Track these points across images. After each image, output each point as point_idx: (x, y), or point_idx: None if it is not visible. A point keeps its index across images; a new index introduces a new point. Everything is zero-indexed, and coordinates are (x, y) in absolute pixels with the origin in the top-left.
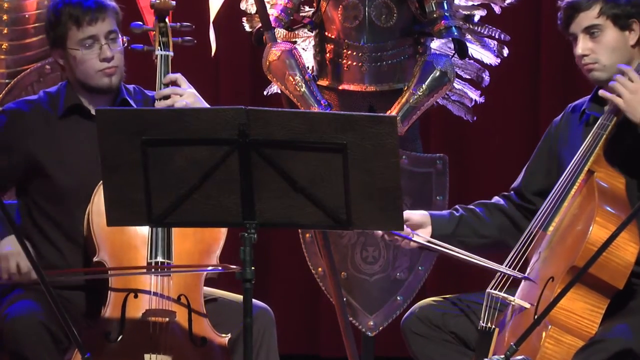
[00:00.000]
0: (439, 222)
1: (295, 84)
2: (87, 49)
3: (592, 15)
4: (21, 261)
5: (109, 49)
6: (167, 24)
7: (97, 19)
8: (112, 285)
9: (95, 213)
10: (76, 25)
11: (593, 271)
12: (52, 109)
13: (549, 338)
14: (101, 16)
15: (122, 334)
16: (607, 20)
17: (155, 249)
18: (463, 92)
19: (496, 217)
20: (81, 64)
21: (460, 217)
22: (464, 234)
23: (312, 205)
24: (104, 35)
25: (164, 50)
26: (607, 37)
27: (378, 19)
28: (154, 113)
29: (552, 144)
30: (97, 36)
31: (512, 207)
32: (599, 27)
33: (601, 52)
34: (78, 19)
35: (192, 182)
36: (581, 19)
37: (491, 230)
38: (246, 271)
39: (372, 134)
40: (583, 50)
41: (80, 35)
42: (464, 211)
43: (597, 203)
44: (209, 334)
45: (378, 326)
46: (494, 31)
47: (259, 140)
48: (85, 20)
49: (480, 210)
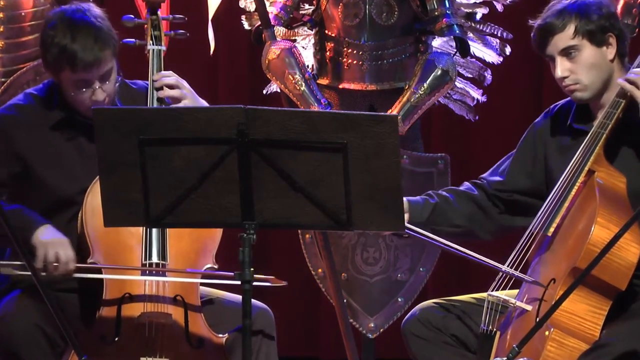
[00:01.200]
0: (415, 208)
1: (295, 82)
2: (79, 91)
3: (568, 36)
4: (61, 250)
5: (101, 93)
6: (159, 16)
7: (93, 65)
8: (107, 287)
9: (89, 214)
10: (70, 69)
11: (595, 272)
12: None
13: (552, 341)
14: (97, 61)
15: (118, 336)
16: (583, 39)
17: (150, 250)
18: (465, 91)
19: (467, 206)
20: (72, 98)
21: (435, 205)
22: (438, 221)
23: (312, 206)
24: (99, 78)
25: (156, 45)
26: (584, 55)
27: (379, 17)
28: (151, 112)
29: (538, 148)
30: (91, 81)
31: (484, 195)
32: (576, 48)
33: (581, 72)
34: (73, 61)
35: (191, 182)
36: (556, 41)
37: (462, 219)
38: (245, 272)
39: (372, 134)
40: (562, 72)
41: (74, 79)
42: (438, 198)
43: (598, 203)
44: (206, 334)
45: (379, 328)
46: (496, 29)
47: (258, 140)
48: (79, 66)
49: (452, 197)
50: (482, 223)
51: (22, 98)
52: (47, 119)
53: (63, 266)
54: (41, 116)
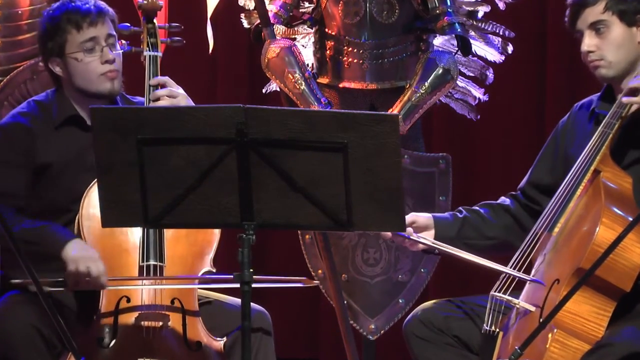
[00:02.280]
0: (442, 224)
1: (295, 81)
2: (88, 52)
3: (598, 11)
4: (92, 265)
5: (109, 52)
6: (155, 24)
7: (97, 22)
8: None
9: (85, 217)
10: (76, 29)
11: (599, 273)
12: (45, 120)
13: (555, 342)
14: (100, 19)
15: (115, 339)
16: (613, 15)
17: (147, 253)
18: (466, 90)
19: (501, 218)
20: (82, 67)
21: (464, 219)
22: (469, 235)
23: (312, 206)
24: (104, 37)
25: (152, 51)
26: (613, 33)
27: (379, 15)
28: (150, 111)
29: (559, 143)
30: (98, 38)
31: (518, 206)
32: (605, 23)
33: (607, 49)
34: (78, 22)
35: (189, 182)
36: (587, 14)
37: (496, 231)
38: (244, 274)
39: (373, 133)
40: (589, 47)
41: (81, 38)
42: (468, 213)
43: (603, 203)
44: (204, 338)
45: (379, 330)
46: (498, 28)
47: (257, 140)
48: (86, 22)
49: (484, 211)
50: (518, 233)
51: (24, 106)
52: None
53: (94, 280)
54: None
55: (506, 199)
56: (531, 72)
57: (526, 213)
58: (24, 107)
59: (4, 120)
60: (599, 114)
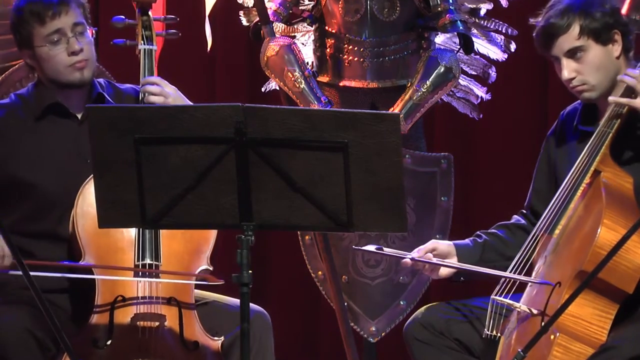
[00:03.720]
0: (464, 250)
1: (295, 80)
2: (53, 45)
3: (573, 37)
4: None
5: (76, 42)
6: (150, 17)
7: (60, 12)
8: (99, 289)
9: (80, 215)
10: (39, 22)
11: (601, 275)
12: (26, 112)
13: (558, 346)
14: (64, 9)
15: (111, 340)
16: (588, 40)
17: (143, 251)
18: (469, 88)
19: (518, 237)
20: (50, 60)
21: (484, 243)
22: (491, 258)
23: (312, 206)
24: (70, 28)
25: (147, 45)
26: (590, 56)
27: (380, 12)
28: (147, 110)
29: (550, 155)
30: (63, 30)
31: (530, 225)
32: (582, 48)
33: (588, 73)
34: (40, 14)
35: (187, 183)
36: (561, 42)
37: (515, 250)
38: (243, 275)
39: (374, 132)
40: (569, 74)
41: (45, 31)
42: (487, 236)
43: (604, 204)
44: (201, 337)
45: (380, 332)
46: (501, 25)
47: (256, 139)
48: (48, 15)
49: (501, 232)
50: None
51: (7, 99)
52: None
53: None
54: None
55: (519, 218)
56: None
57: None
58: (4, 100)
59: None
60: (582, 130)
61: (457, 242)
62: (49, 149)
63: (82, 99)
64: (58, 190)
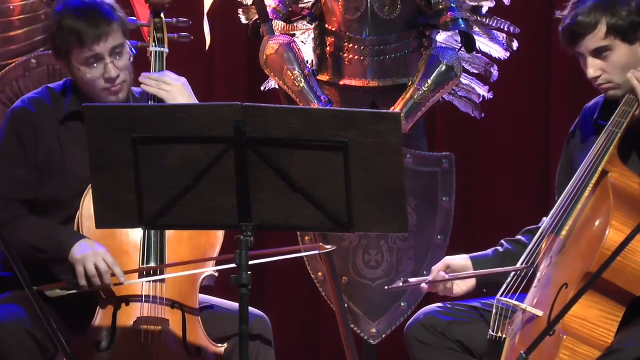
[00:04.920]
0: (482, 263)
1: (294, 79)
2: (91, 68)
3: (599, 37)
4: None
5: (113, 69)
6: (162, 19)
7: (100, 37)
8: (102, 291)
9: (86, 217)
10: (79, 45)
11: (608, 277)
12: (54, 111)
13: (565, 349)
14: (105, 33)
15: (113, 344)
16: (615, 39)
17: (148, 255)
18: (470, 87)
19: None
20: (84, 80)
21: (506, 252)
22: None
23: (312, 207)
24: (109, 52)
25: (159, 47)
26: (617, 55)
27: (381, 10)
28: (145, 110)
29: (569, 155)
30: (102, 55)
31: None
32: (608, 48)
33: (613, 72)
34: (82, 37)
35: (186, 183)
36: (587, 41)
37: None
38: (242, 276)
39: (374, 132)
40: (595, 73)
41: (84, 55)
42: (509, 244)
43: (612, 205)
44: (205, 343)
45: (381, 334)
46: (503, 23)
47: (255, 138)
48: (89, 39)
49: (527, 238)
50: None
51: (39, 91)
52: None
53: (106, 275)
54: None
55: None
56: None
57: None
58: (38, 92)
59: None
60: (601, 125)
61: (475, 254)
62: (67, 152)
63: None
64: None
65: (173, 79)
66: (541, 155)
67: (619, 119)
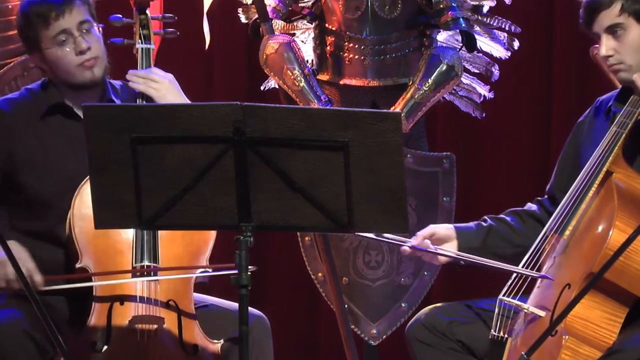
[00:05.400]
0: (465, 234)
1: (294, 78)
2: (61, 45)
3: (614, 14)
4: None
5: (83, 41)
6: (147, 15)
7: (64, 12)
8: (96, 291)
9: (77, 217)
10: (44, 24)
11: (610, 278)
12: (33, 108)
13: (566, 349)
14: (68, 8)
15: (109, 343)
16: (629, 18)
17: (141, 253)
18: (471, 87)
19: (529, 225)
20: (59, 61)
21: (489, 228)
22: (496, 244)
23: (312, 207)
24: (76, 27)
25: (145, 43)
26: (630, 35)
27: (381, 9)
28: (144, 109)
29: (577, 142)
30: (69, 29)
31: (545, 213)
32: (622, 26)
33: (625, 52)
34: (44, 15)
35: (185, 183)
36: (602, 18)
37: (524, 238)
38: (242, 276)
39: (375, 132)
40: (607, 51)
41: (51, 33)
42: (493, 221)
43: (616, 206)
44: (201, 341)
45: (381, 334)
46: (504, 23)
47: (255, 138)
48: (52, 17)
49: (511, 218)
50: None
51: (17, 93)
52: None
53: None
54: (29, 109)
55: (532, 205)
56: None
57: None
58: (15, 93)
59: None
60: (616, 112)
61: (459, 225)
62: (49, 148)
63: (92, 101)
64: (54, 190)
65: (160, 75)
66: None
67: (624, 119)
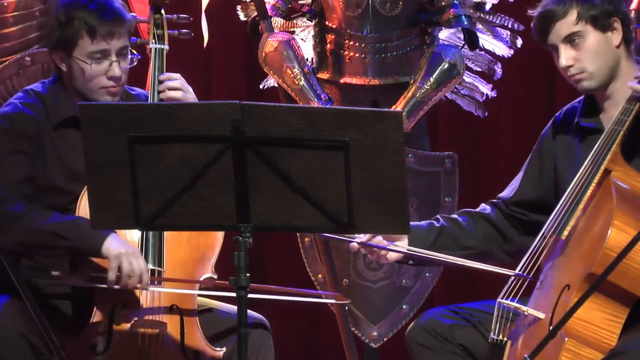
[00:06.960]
0: (416, 233)
1: (294, 77)
2: (95, 64)
3: (570, 22)
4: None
5: (118, 67)
6: (162, 15)
7: (113, 34)
8: (99, 293)
9: None
10: (90, 37)
11: (611, 279)
12: (44, 115)
13: (566, 351)
14: (118, 30)
15: (110, 346)
16: (586, 25)
17: (146, 256)
18: (473, 85)
19: (481, 227)
20: (84, 75)
21: (441, 228)
22: (445, 245)
23: (312, 207)
24: (116, 51)
25: (159, 44)
26: (589, 42)
27: (382, 7)
28: (141, 108)
29: (545, 159)
30: (109, 52)
31: (500, 215)
32: (580, 34)
33: (585, 60)
34: (94, 30)
35: (183, 183)
36: (559, 28)
37: (474, 240)
38: (240, 278)
39: (375, 131)
40: (567, 61)
41: (92, 48)
42: (445, 221)
43: (615, 204)
44: (203, 347)
45: (382, 337)
46: (507, 20)
47: (254, 138)
48: (100, 33)
49: (463, 219)
50: (499, 243)
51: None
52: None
53: (136, 278)
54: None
55: (487, 207)
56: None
57: (508, 223)
58: (23, 97)
59: (6, 109)
60: (585, 127)
61: (411, 223)
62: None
63: None
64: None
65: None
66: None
67: (622, 116)
